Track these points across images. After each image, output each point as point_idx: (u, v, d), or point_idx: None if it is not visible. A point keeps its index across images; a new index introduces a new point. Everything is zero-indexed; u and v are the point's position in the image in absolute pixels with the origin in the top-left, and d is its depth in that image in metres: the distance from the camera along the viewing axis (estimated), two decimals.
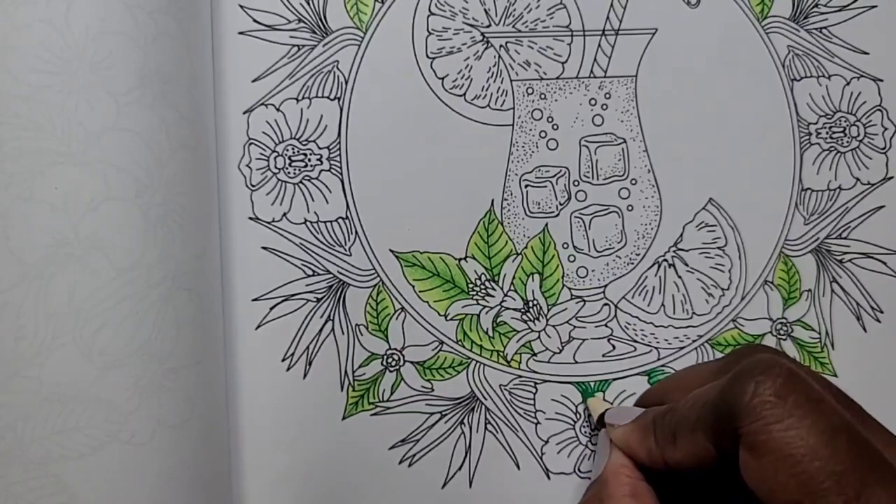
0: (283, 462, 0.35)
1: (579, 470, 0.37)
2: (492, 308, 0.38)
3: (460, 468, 0.37)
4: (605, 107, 0.40)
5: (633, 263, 0.39)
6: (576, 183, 0.39)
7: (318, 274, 0.37)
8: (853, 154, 0.41)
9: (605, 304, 0.39)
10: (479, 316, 0.38)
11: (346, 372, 0.37)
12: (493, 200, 0.39)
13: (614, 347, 0.39)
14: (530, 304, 0.38)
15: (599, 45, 0.40)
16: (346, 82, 0.38)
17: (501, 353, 0.38)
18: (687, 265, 0.40)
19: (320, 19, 0.38)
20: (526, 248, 0.39)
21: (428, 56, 0.39)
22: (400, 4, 0.39)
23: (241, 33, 0.37)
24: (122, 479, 0.32)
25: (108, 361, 0.32)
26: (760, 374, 0.25)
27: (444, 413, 0.37)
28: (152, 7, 0.34)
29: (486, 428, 0.37)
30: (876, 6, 0.42)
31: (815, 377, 0.27)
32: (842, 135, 0.41)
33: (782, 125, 0.41)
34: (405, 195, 0.38)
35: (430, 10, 0.39)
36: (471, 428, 0.37)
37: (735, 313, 0.40)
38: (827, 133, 0.41)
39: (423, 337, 0.37)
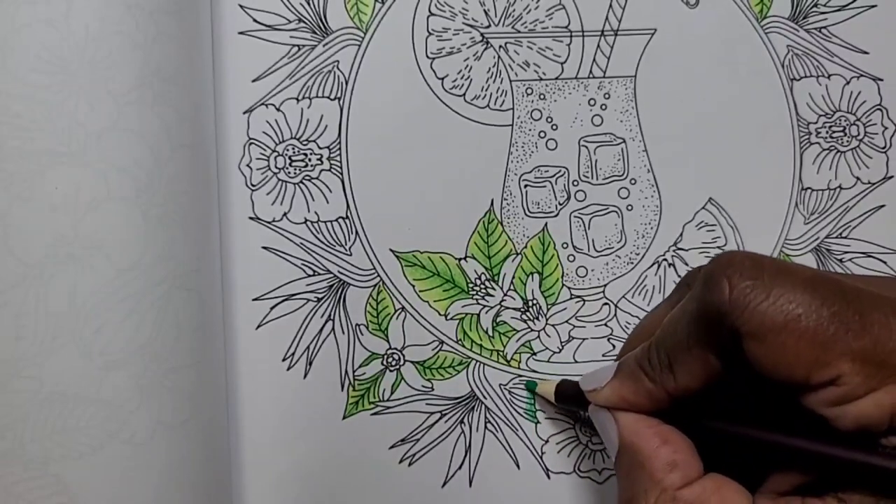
0: (283, 462, 0.35)
1: (579, 470, 0.37)
2: (492, 308, 0.38)
3: (460, 467, 0.37)
4: (604, 107, 0.40)
5: (632, 263, 0.39)
6: (575, 183, 0.39)
7: (319, 274, 0.37)
8: (853, 153, 0.41)
9: (605, 304, 0.39)
10: (479, 315, 0.38)
11: (346, 371, 0.37)
12: (492, 200, 0.39)
13: (614, 347, 0.39)
14: (530, 303, 0.38)
15: (598, 46, 0.40)
16: (347, 82, 0.38)
17: (501, 353, 0.38)
18: (687, 265, 0.40)
19: (320, 19, 0.38)
20: (525, 247, 0.39)
21: (428, 56, 0.39)
22: (400, 5, 0.39)
23: (241, 33, 0.37)
24: (122, 479, 0.32)
25: (109, 361, 0.32)
26: (727, 268, 0.25)
27: (444, 412, 0.37)
28: (152, 7, 0.34)
29: (486, 427, 0.37)
30: (875, 6, 0.42)
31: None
32: (842, 134, 0.41)
33: (782, 125, 0.41)
34: (405, 195, 0.38)
35: (430, 10, 0.39)
36: (471, 427, 0.37)
37: None
38: (827, 132, 0.41)
39: (423, 336, 0.37)
